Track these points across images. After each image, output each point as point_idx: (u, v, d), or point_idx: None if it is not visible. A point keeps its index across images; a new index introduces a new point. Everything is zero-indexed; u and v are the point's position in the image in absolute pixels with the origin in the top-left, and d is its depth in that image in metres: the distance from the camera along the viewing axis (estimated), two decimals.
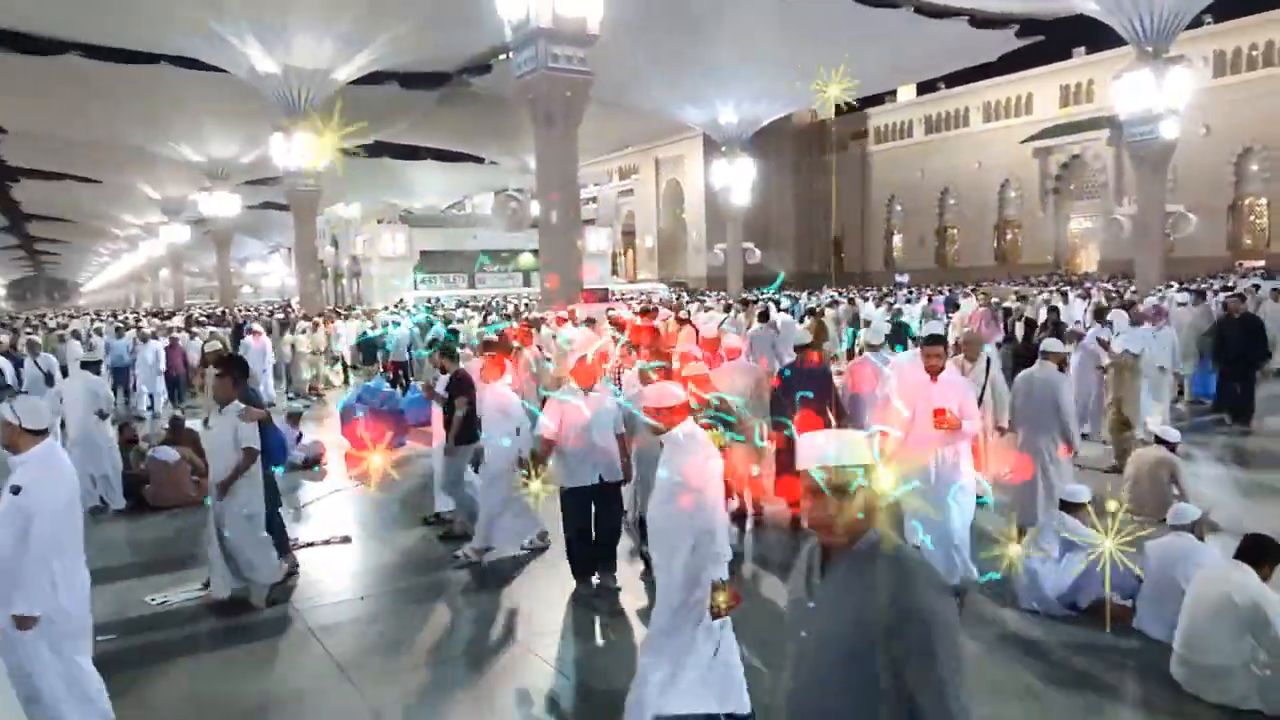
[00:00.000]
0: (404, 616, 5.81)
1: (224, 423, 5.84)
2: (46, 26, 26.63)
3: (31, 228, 71.71)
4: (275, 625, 5.80)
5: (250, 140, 35.26)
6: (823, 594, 2.00)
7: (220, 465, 5.82)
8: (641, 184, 63.67)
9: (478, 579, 6.56)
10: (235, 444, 5.74)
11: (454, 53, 30.58)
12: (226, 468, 5.76)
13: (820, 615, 1.99)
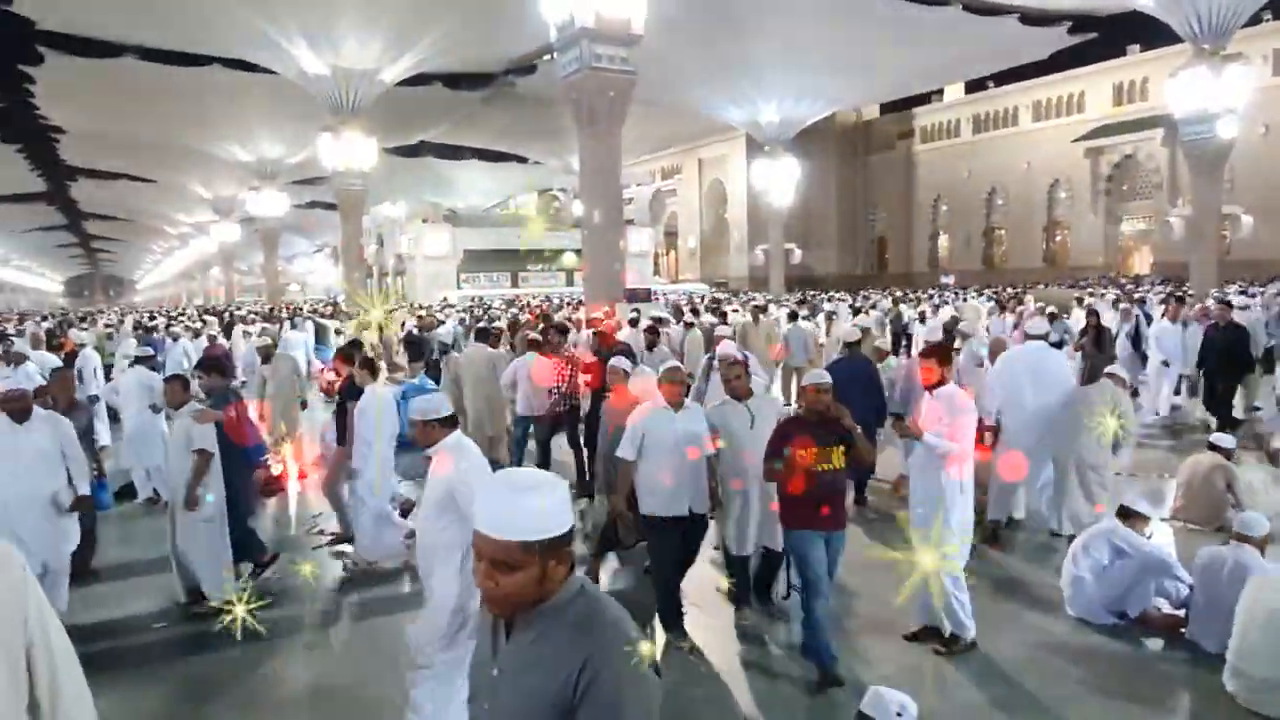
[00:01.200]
0: None
1: (179, 426, 5.89)
2: (105, 31, 27.35)
3: (89, 226, 73.70)
4: (330, 615, 5.92)
5: (298, 140, 35.89)
6: (507, 659, 1.73)
7: (175, 469, 5.86)
8: (684, 184, 63.65)
9: None
10: (187, 447, 5.73)
11: (499, 54, 30.83)
12: (182, 472, 5.76)
13: (504, 683, 1.72)
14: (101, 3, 24.84)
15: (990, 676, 4.69)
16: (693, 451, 5.01)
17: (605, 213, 20.30)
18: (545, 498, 1.66)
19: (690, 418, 5.13)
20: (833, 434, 4.58)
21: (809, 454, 4.50)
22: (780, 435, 4.68)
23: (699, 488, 5.09)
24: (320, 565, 7.04)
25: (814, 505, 4.52)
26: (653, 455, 5.03)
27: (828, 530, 4.59)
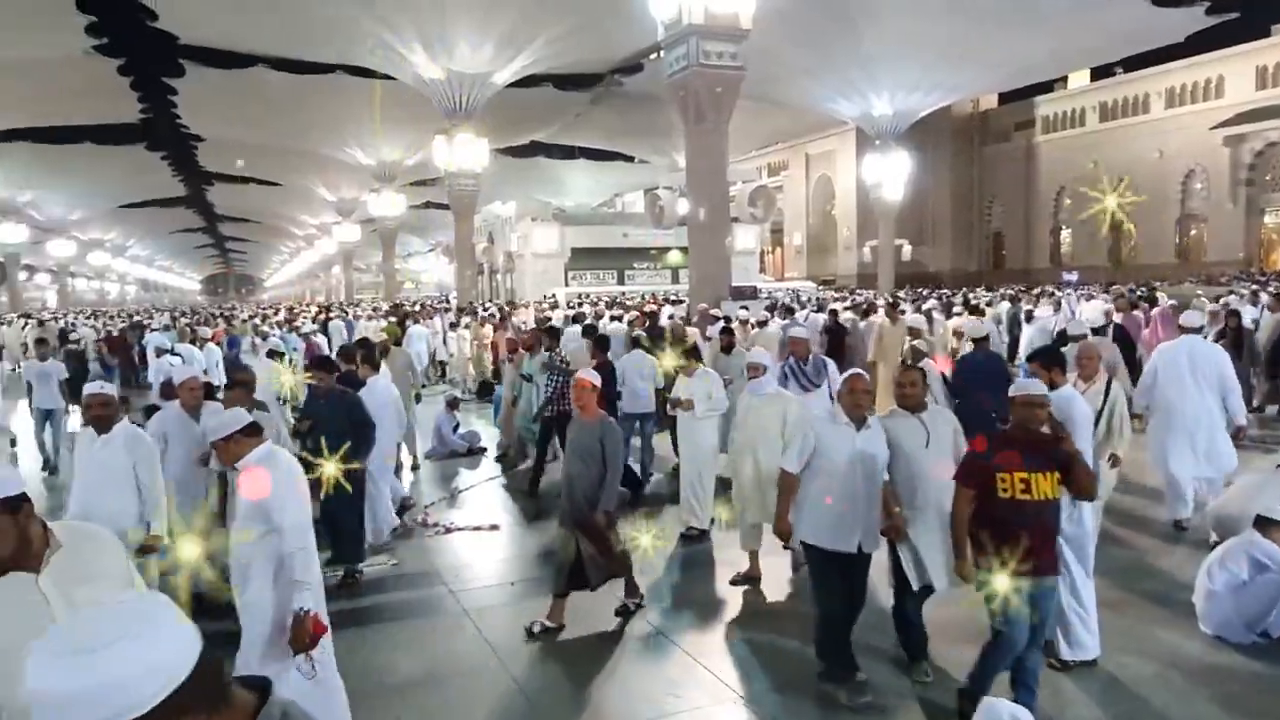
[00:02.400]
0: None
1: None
2: (239, 43, 28.95)
3: (223, 228, 78.19)
4: (432, 605, 6.12)
5: (415, 143, 37.16)
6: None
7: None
8: (791, 180, 62.81)
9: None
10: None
11: (607, 54, 31.12)
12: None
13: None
14: (237, 16, 26.28)
15: (1112, 692, 4.46)
16: (870, 478, 4.34)
17: (711, 210, 20.25)
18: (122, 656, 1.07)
19: (872, 438, 4.38)
20: (1046, 457, 3.89)
21: (1015, 480, 3.81)
22: (978, 455, 4.00)
23: (871, 521, 4.37)
24: (429, 553, 7.31)
25: (1013, 542, 3.78)
26: (822, 475, 4.36)
27: (1034, 576, 3.82)
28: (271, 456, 3.83)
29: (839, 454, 4.31)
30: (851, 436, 4.33)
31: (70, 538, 2.26)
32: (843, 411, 4.40)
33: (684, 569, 6.74)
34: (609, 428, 5.53)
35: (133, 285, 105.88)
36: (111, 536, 2.44)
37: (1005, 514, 3.84)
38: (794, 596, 6.03)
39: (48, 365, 11.22)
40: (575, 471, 5.42)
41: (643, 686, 4.80)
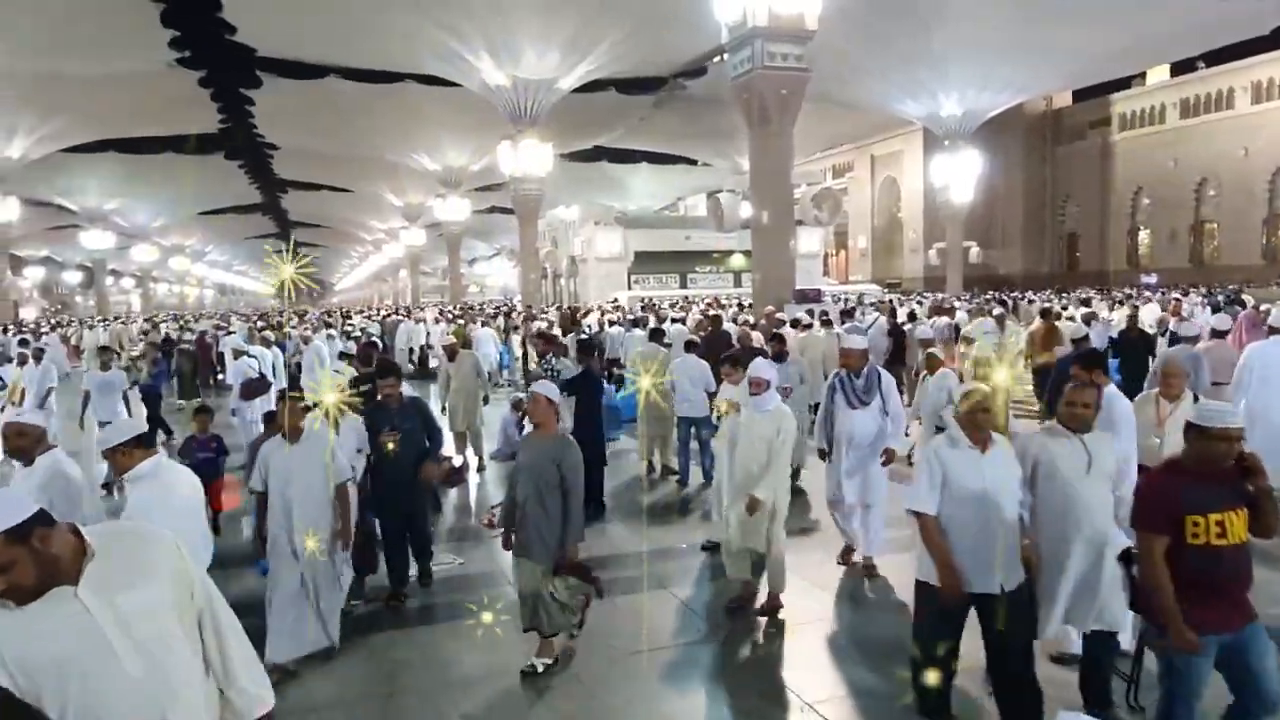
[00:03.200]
0: (620, 605, 5.96)
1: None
2: (312, 54, 29.78)
3: (296, 233, 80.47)
4: (496, 604, 6.17)
5: (480, 149, 37.72)
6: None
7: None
8: (855, 182, 62.03)
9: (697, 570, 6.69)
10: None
11: (669, 57, 31.17)
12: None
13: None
14: (311, 29, 27.04)
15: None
16: (1006, 507, 3.90)
17: (775, 213, 20.10)
18: None
19: (1001, 460, 3.96)
20: (1234, 493, 3.33)
21: (1209, 523, 3.27)
22: (1159, 493, 3.42)
23: (1012, 554, 3.90)
24: (494, 553, 7.37)
25: (1206, 596, 3.29)
26: (947, 508, 3.95)
27: (1227, 631, 3.31)
28: (157, 470, 3.80)
29: (967, 482, 3.90)
30: (978, 460, 3.93)
31: (103, 542, 2.23)
32: (963, 434, 3.99)
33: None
34: (566, 447, 5.00)
35: (210, 289, 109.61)
36: (157, 533, 2.40)
37: (1201, 564, 3.27)
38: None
39: (110, 375, 10.77)
40: (528, 499, 4.91)
41: (706, 692, 4.78)
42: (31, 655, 2.07)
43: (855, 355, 6.67)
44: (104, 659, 2.11)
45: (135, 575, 2.21)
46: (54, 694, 2.09)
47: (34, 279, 73.78)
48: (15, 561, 2.03)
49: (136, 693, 2.14)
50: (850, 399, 6.50)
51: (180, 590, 2.30)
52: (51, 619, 2.09)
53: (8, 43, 25.46)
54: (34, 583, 2.07)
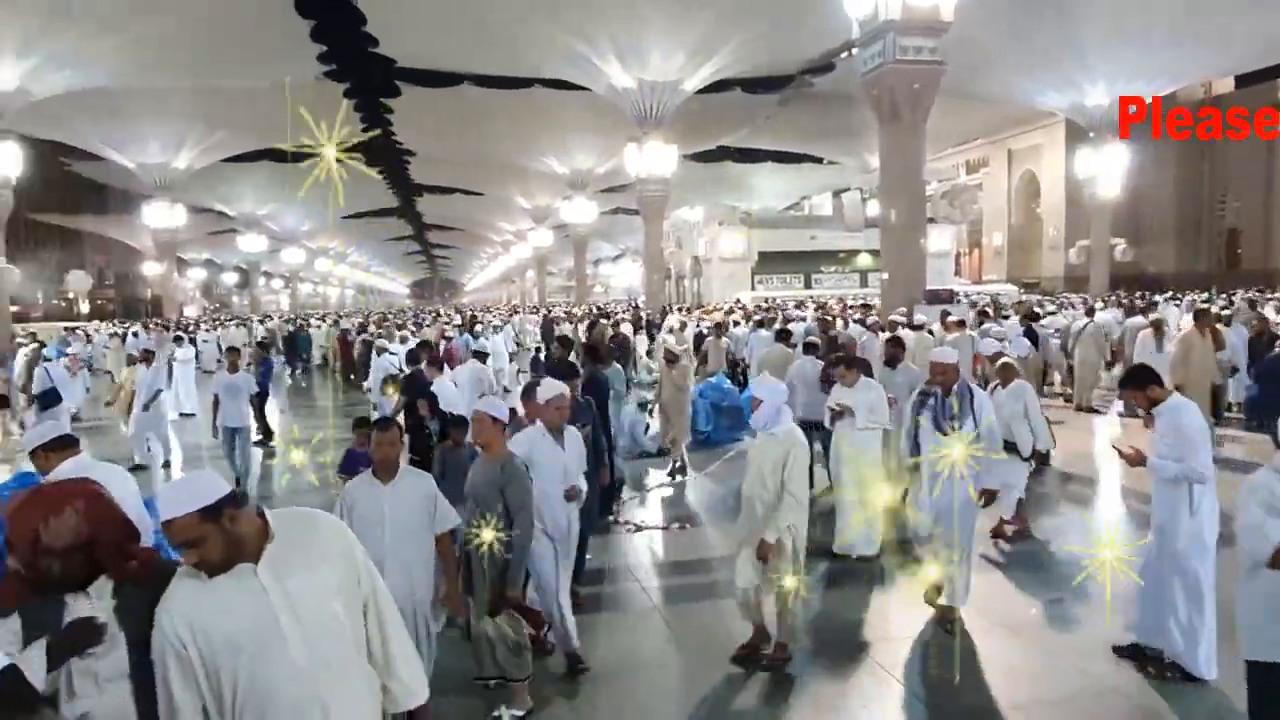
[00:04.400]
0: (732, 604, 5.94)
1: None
2: (448, 63, 30.90)
3: (430, 235, 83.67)
4: (623, 599, 6.28)
5: (606, 151, 38.24)
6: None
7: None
8: (991, 178, 59.53)
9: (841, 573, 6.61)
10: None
11: (796, 55, 30.75)
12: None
13: None
14: (446, 39, 28.06)
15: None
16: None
17: (906, 212, 19.54)
18: None
19: None
20: None
21: None
22: None
23: None
24: (621, 549, 7.49)
25: None
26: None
27: None
28: (79, 471, 3.71)
29: None
30: None
31: (282, 524, 2.37)
32: None
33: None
34: (511, 471, 4.46)
35: (351, 290, 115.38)
36: (329, 518, 2.53)
37: None
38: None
39: (238, 378, 10.67)
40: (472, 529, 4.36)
41: (831, 698, 4.72)
42: (214, 627, 2.22)
43: (945, 370, 5.69)
44: (272, 639, 2.23)
45: (307, 559, 2.33)
46: (228, 669, 2.22)
47: (196, 280, 79.50)
48: (206, 538, 2.19)
49: (300, 675, 2.24)
50: (939, 421, 5.58)
51: (347, 575, 2.41)
52: (233, 595, 2.24)
53: (177, 63, 27.54)
54: (221, 558, 2.22)
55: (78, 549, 2.32)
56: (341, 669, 2.32)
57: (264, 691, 2.22)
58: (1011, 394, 7.53)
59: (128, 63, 26.83)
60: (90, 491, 2.48)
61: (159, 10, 23.67)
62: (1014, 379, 7.73)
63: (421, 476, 4.35)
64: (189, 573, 2.25)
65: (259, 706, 2.22)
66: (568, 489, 5.00)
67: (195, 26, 24.74)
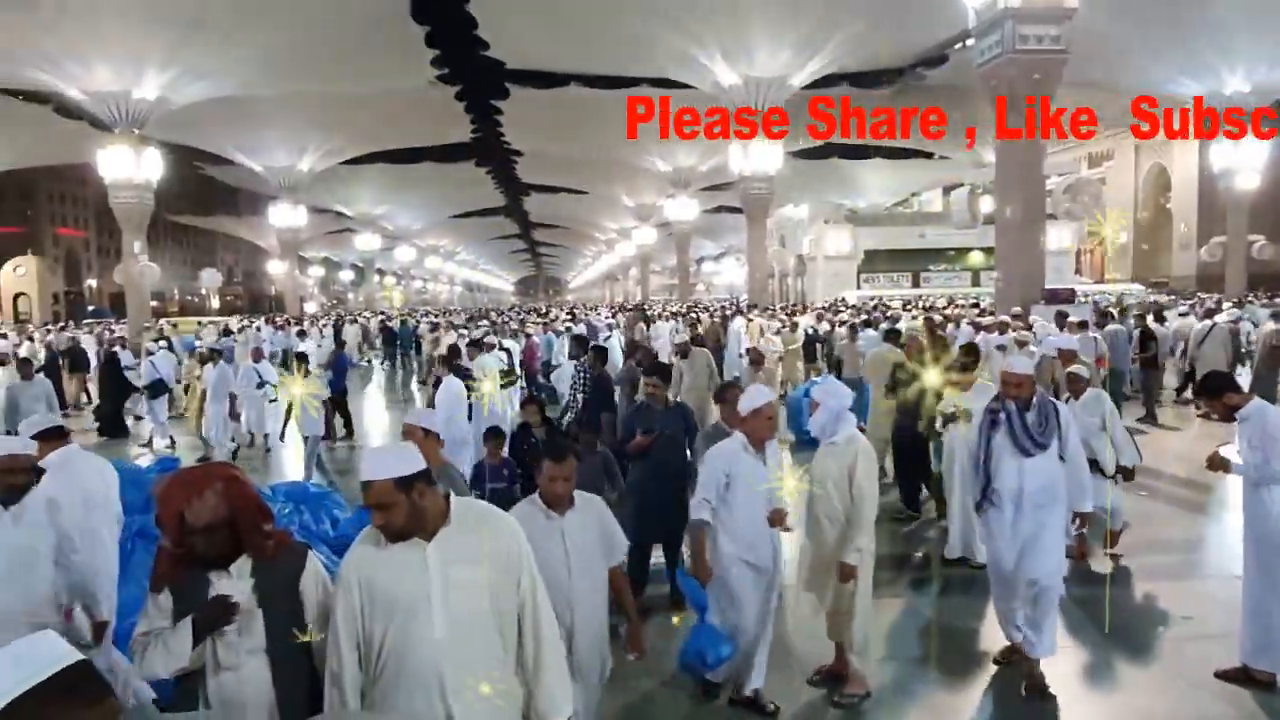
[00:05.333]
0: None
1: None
2: (555, 64, 31.36)
3: (535, 234, 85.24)
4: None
5: (710, 150, 38.11)
6: None
7: None
8: (1115, 171, 56.60)
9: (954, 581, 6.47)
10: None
11: (907, 48, 29.92)
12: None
13: None
14: (554, 41, 28.51)
15: None
16: None
17: (1024, 208, 18.75)
18: None
19: None
20: None
21: None
22: None
23: None
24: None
25: None
26: None
27: None
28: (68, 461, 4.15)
29: None
30: None
31: (460, 513, 2.56)
32: None
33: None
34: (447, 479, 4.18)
35: (459, 287, 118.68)
36: (505, 520, 2.68)
37: None
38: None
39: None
40: None
41: (947, 710, 4.56)
42: (379, 586, 2.45)
43: (1020, 381, 4.88)
44: (420, 611, 2.43)
45: (472, 551, 2.50)
46: (381, 624, 2.45)
47: (315, 277, 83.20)
48: (396, 504, 2.41)
49: (433, 649, 2.41)
50: (1019, 440, 4.79)
51: (507, 576, 2.55)
52: (401, 563, 2.46)
53: (301, 71, 28.85)
54: (402, 526, 2.45)
55: (219, 527, 2.51)
56: (475, 659, 2.46)
57: (401, 653, 2.44)
58: (1086, 405, 6.87)
59: (257, 72, 28.27)
60: (229, 474, 2.68)
61: (286, 22, 24.86)
62: (1085, 388, 7.09)
63: (592, 501, 3.75)
64: (371, 535, 2.51)
65: (396, 664, 2.44)
66: (772, 512, 4.42)
67: (318, 37, 25.86)
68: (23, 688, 1.41)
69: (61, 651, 1.50)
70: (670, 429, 5.84)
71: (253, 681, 2.55)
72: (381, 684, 2.46)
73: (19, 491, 3.44)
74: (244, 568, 2.59)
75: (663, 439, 5.76)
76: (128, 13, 23.25)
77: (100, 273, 79.33)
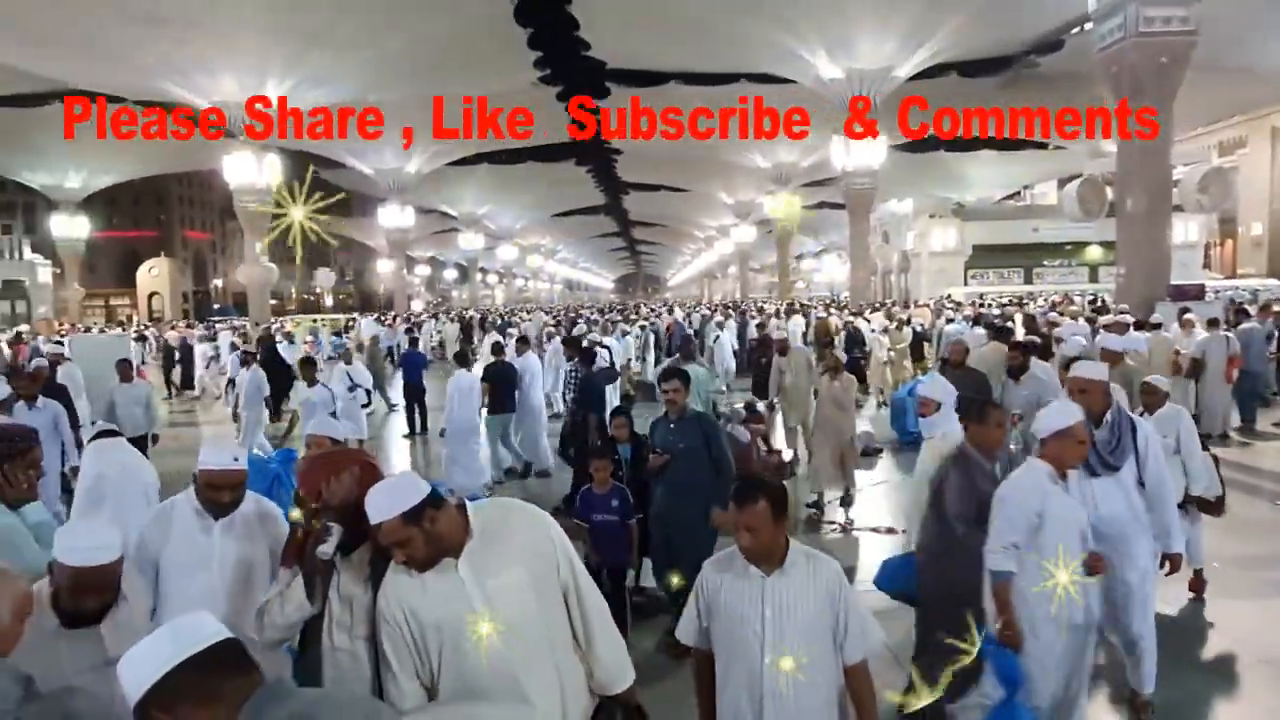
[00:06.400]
0: None
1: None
2: (656, 62, 31.45)
3: (634, 232, 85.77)
4: None
5: (811, 145, 37.55)
6: None
7: None
8: (1249, 159, 53.05)
9: None
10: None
11: (1020, 34, 28.77)
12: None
13: None
14: (654, 39, 28.58)
15: None
16: None
17: (1148, 199, 17.75)
18: None
19: None
20: None
21: None
22: None
23: None
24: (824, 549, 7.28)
25: None
26: None
27: None
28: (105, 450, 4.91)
29: None
30: None
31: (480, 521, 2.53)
32: None
33: None
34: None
35: (559, 285, 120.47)
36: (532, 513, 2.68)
37: None
38: None
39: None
40: None
41: None
42: (422, 612, 2.45)
43: (1088, 388, 4.15)
44: (471, 630, 2.42)
45: (503, 556, 2.50)
46: (434, 645, 2.46)
47: (421, 276, 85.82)
48: (411, 539, 2.40)
49: (496, 664, 2.42)
50: (1088, 460, 3.97)
51: (544, 567, 2.57)
52: (437, 587, 2.45)
53: (409, 76, 29.79)
54: (425, 556, 2.43)
55: (352, 510, 2.57)
56: (535, 654, 2.49)
57: (459, 666, 2.44)
58: (1160, 422, 5.69)
59: (368, 78, 29.34)
60: (368, 460, 2.80)
61: (398, 31, 25.70)
62: (1163, 401, 6.07)
63: (819, 561, 2.91)
64: (401, 567, 2.48)
65: (458, 677, 2.45)
66: (1089, 556, 3.66)
67: (428, 43, 26.64)
68: (180, 657, 1.62)
69: (214, 629, 1.71)
70: (687, 443, 5.19)
71: (363, 664, 2.63)
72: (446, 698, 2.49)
73: (230, 506, 3.34)
74: (364, 556, 2.67)
75: (680, 455, 5.13)
76: (252, 26, 24.48)
77: (224, 272, 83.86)
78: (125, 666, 1.65)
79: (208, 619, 1.75)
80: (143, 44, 24.71)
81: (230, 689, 1.64)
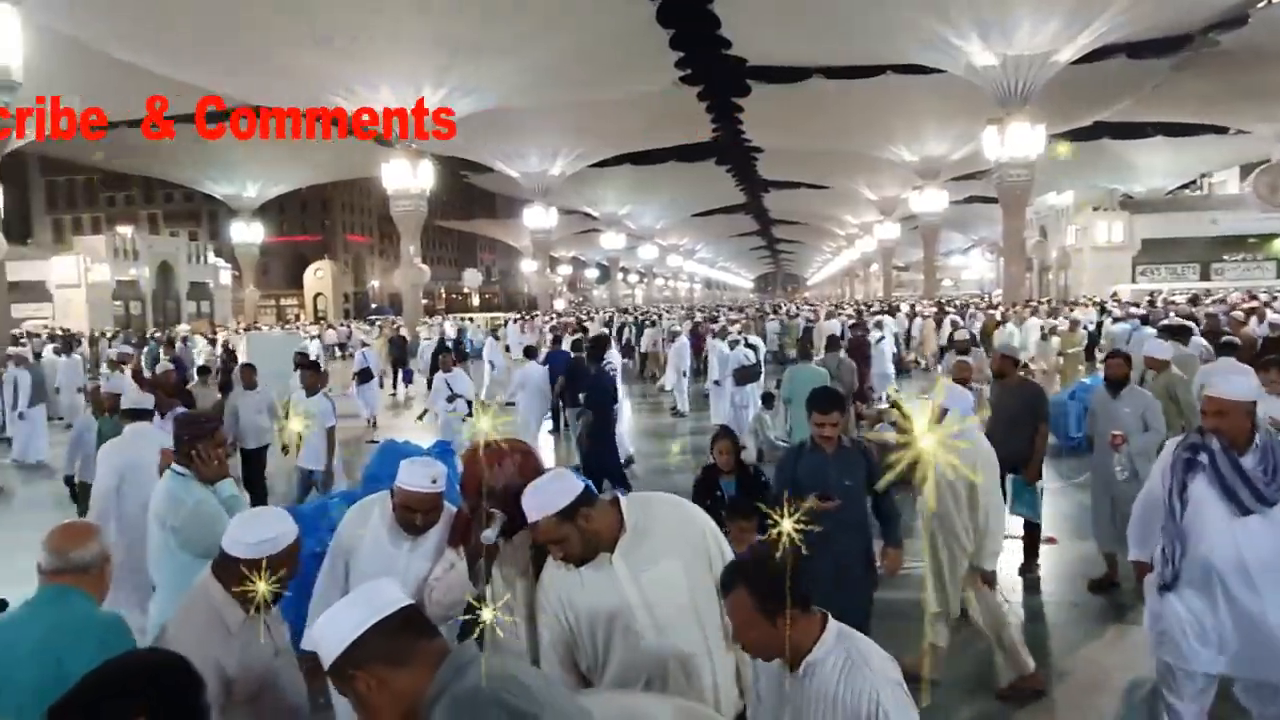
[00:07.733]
0: (1070, 634, 5.44)
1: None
2: (797, 57, 30.98)
3: (774, 230, 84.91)
4: None
5: (961, 137, 36.08)
6: None
7: None
8: None
9: None
10: None
11: (1197, 10, 26.66)
12: None
13: None
14: (796, 34, 28.14)
15: None
16: None
17: None
18: None
19: None
20: None
21: None
22: None
23: None
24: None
25: None
26: None
27: None
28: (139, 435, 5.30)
29: None
30: None
31: (636, 516, 2.58)
32: None
33: None
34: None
35: (699, 285, 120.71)
36: (685, 509, 2.71)
37: None
38: None
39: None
40: None
41: None
42: (580, 605, 2.54)
43: (1226, 410, 3.38)
44: (626, 623, 2.50)
45: (654, 551, 2.54)
46: (590, 645, 2.55)
47: (563, 275, 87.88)
48: (566, 537, 2.47)
49: (651, 654, 2.48)
50: (1235, 491, 3.32)
51: (696, 562, 2.58)
52: (594, 581, 2.52)
53: (553, 81, 30.51)
54: (581, 552, 2.50)
55: (513, 497, 2.68)
56: (689, 648, 2.52)
57: (618, 656, 2.53)
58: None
59: (515, 85, 30.27)
60: (526, 449, 2.95)
61: (545, 38, 26.38)
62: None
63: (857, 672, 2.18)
64: (559, 561, 2.58)
65: (618, 665, 2.54)
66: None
67: (573, 49, 27.22)
68: (370, 621, 1.74)
69: (398, 595, 1.83)
70: (850, 480, 4.31)
71: (521, 643, 2.77)
72: (607, 686, 2.56)
73: (423, 528, 3.21)
74: (525, 539, 2.80)
75: (841, 494, 4.25)
76: (408, 39, 25.74)
77: (380, 274, 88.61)
78: (319, 630, 1.78)
79: (392, 586, 1.88)
80: (308, 58, 26.43)
81: (418, 651, 1.75)
